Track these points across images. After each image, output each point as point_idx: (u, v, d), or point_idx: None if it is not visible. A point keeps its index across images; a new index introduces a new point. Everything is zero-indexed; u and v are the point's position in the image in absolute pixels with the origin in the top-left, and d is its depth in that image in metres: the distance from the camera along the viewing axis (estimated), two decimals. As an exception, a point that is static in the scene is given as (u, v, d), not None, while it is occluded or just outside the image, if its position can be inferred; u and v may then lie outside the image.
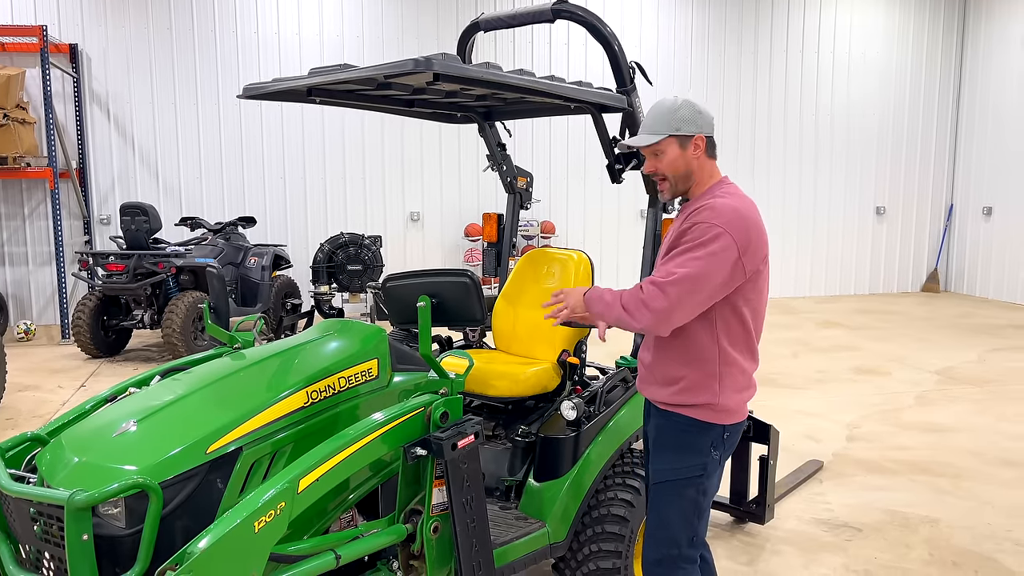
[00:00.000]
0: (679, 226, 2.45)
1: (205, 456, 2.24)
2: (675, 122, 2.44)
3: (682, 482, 2.51)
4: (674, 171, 2.49)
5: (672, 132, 2.44)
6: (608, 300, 2.40)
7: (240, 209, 10.36)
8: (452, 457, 2.41)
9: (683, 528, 2.52)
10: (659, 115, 2.47)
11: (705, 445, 2.49)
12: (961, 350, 8.61)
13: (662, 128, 2.45)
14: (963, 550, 4.03)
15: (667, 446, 2.54)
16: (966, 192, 12.85)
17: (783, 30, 12.05)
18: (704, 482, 2.52)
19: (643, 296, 2.32)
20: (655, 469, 2.58)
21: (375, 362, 2.72)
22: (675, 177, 2.50)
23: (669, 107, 2.46)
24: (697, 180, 2.51)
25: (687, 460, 2.50)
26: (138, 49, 10.01)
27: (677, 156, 2.47)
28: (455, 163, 11.04)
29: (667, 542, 2.54)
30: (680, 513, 2.52)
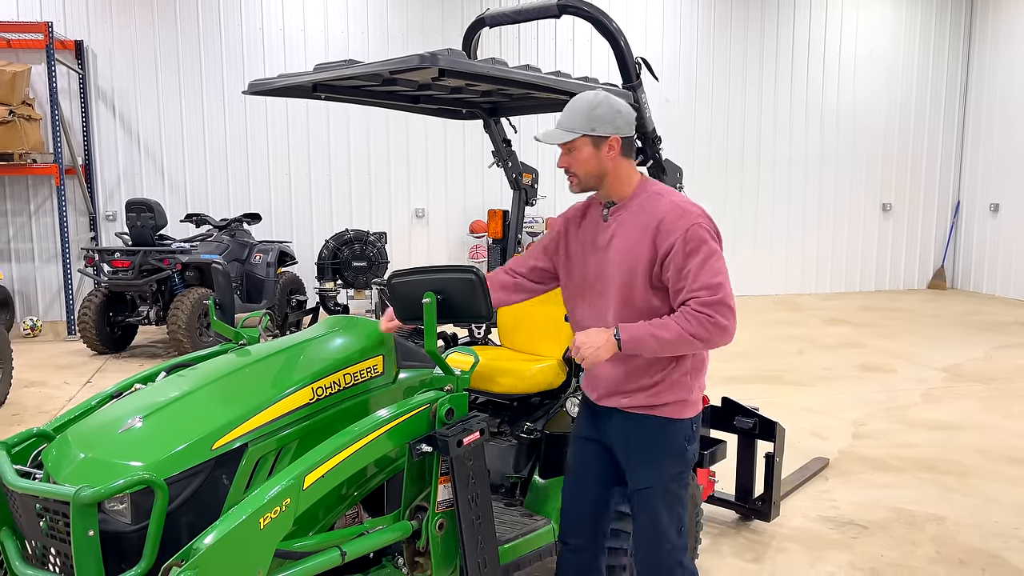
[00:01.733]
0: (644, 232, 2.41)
1: (210, 452, 2.24)
2: (591, 121, 2.42)
3: (669, 484, 2.53)
4: (585, 170, 2.47)
5: (586, 132, 2.42)
6: (665, 338, 2.32)
7: (245, 205, 10.37)
8: (457, 454, 2.40)
9: (672, 522, 2.56)
10: (575, 112, 2.44)
11: (681, 441, 2.54)
12: (968, 347, 8.58)
13: (577, 126, 2.43)
14: (970, 548, 4.01)
15: (646, 450, 2.54)
16: (973, 189, 12.79)
17: (789, 27, 12.00)
18: (687, 476, 2.58)
19: (715, 320, 2.31)
20: (639, 476, 2.56)
21: (380, 359, 2.72)
22: (586, 176, 2.49)
23: (587, 105, 2.44)
24: (613, 180, 2.50)
25: (671, 459, 2.53)
26: (143, 46, 10.02)
27: (590, 155, 2.45)
28: (460, 159, 11.03)
29: (661, 540, 2.56)
30: (669, 511, 2.55)
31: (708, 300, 2.31)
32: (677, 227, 2.36)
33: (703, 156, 11.48)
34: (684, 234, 2.35)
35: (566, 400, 3.27)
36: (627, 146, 2.49)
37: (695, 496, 3.48)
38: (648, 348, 2.36)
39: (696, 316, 2.31)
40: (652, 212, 2.44)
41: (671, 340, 2.33)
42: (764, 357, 8.10)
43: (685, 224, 2.36)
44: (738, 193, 12.04)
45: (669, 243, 2.37)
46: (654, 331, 2.33)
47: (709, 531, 4.13)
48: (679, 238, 2.35)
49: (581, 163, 2.46)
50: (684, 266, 2.35)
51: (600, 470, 2.68)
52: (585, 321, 2.59)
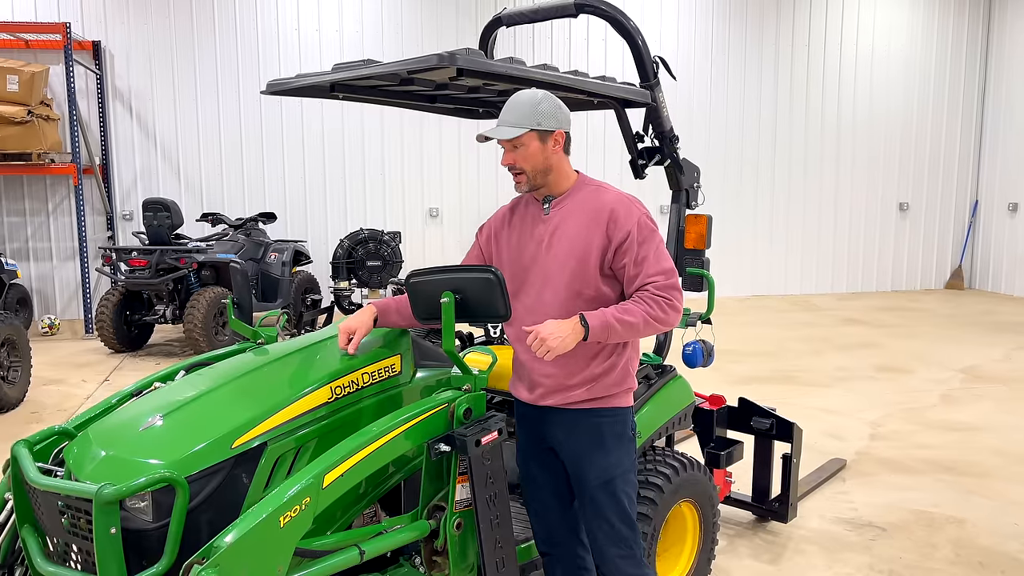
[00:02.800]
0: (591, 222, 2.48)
1: (230, 451, 2.25)
2: (536, 116, 2.45)
3: (625, 472, 2.58)
4: (533, 165, 2.49)
5: (533, 126, 2.45)
6: (630, 322, 2.39)
7: (260, 205, 10.42)
8: (476, 453, 2.40)
9: (632, 511, 2.60)
10: (520, 108, 2.46)
11: (627, 428, 2.61)
12: (986, 348, 8.50)
13: (524, 122, 2.44)
14: (990, 550, 3.97)
15: (600, 442, 2.56)
16: (991, 188, 12.68)
17: (805, 26, 11.94)
18: (635, 465, 2.64)
19: (671, 302, 2.43)
20: (599, 468, 2.55)
21: (398, 358, 2.72)
22: (533, 171, 2.50)
23: (530, 100, 2.46)
24: (556, 175, 2.55)
25: (620, 451, 2.57)
26: (160, 46, 10.08)
27: (537, 150, 2.48)
28: (474, 159, 11.04)
29: (629, 529, 2.59)
30: (630, 501, 2.59)
31: (664, 284, 2.43)
32: (629, 218, 2.46)
33: (719, 156, 11.43)
34: (637, 223, 2.46)
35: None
36: (568, 142, 2.55)
37: (712, 496, 3.47)
38: (615, 333, 2.40)
39: (655, 299, 2.41)
40: (600, 203, 2.50)
41: (635, 323, 2.39)
42: (780, 357, 8.06)
43: (635, 215, 2.48)
44: (753, 193, 11.98)
45: (624, 232, 2.44)
46: (619, 316, 2.39)
47: (726, 532, 4.11)
48: (634, 227, 2.45)
49: (528, 158, 2.48)
50: (639, 254, 2.44)
51: (557, 476, 2.68)
52: (521, 315, 2.58)
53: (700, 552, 3.45)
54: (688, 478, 3.29)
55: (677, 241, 3.54)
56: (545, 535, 2.75)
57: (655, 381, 3.38)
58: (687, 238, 3.51)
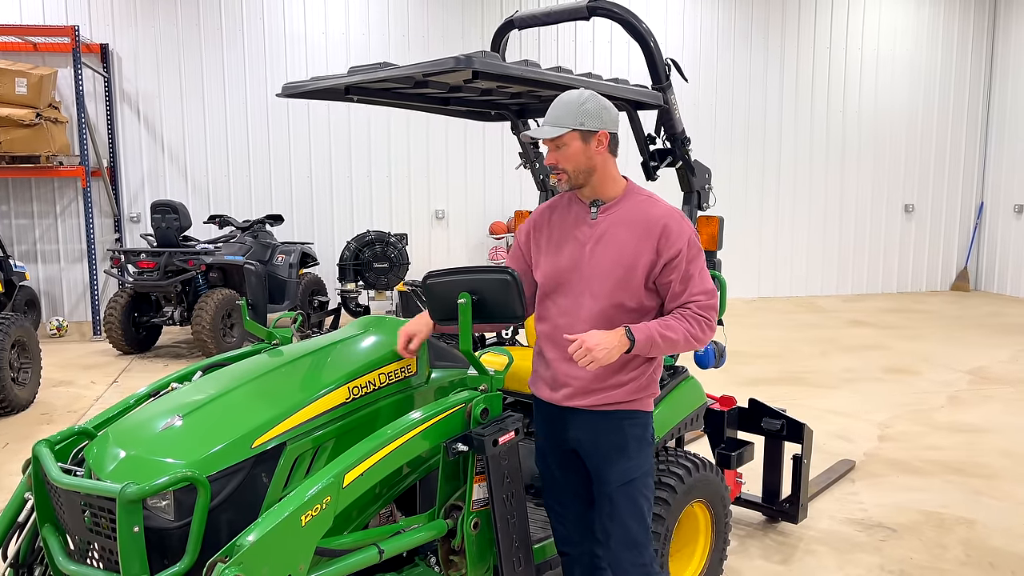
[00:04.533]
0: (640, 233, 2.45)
1: (250, 451, 2.27)
2: (580, 116, 2.43)
3: (644, 475, 2.58)
4: (574, 165, 2.47)
5: (575, 126, 2.43)
6: (672, 338, 2.40)
7: (267, 207, 10.45)
8: (493, 453, 2.42)
9: (648, 516, 2.60)
10: (563, 108, 2.45)
11: (648, 433, 2.62)
12: (993, 349, 8.50)
13: (566, 121, 2.43)
14: (1000, 551, 3.98)
15: (619, 445, 2.55)
16: (997, 190, 12.67)
17: (811, 27, 11.94)
18: (653, 468, 2.65)
19: (709, 322, 2.46)
20: (620, 470, 2.54)
21: (414, 358, 2.74)
22: (575, 171, 2.48)
23: (575, 100, 2.44)
24: (601, 178, 2.51)
25: (641, 454, 2.58)
26: (168, 49, 10.12)
27: (579, 150, 2.45)
28: (480, 161, 11.06)
29: (644, 535, 2.57)
30: (648, 503, 2.60)
31: (706, 304, 2.46)
32: (682, 235, 2.46)
33: (724, 158, 11.44)
34: (688, 241, 2.46)
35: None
36: (614, 143, 2.52)
37: (724, 497, 3.48)
38: (656, 348, 2.41)
39: (696, 318, 2.44)
40: (651, 215, 2.48)
41: (676, 340, 2.41)
42: (787, 359, 8.07)
43: (687, 232, 2.48)
44: (759, 194, 11.99)
45: (676, 249, 2.44)
46: (663, 331, 2.40)
47: (736, 532, 4.12)
48: (684, 245, 2.45)
49: (570, 158, 2.46)
50: (687, 271, 2.45)
51: (578, 477, 2.68)
52: (553, 315, 2.57)
53: (712, 552, 3.46)
54: (701, 479, 3.31)
55: (688, 242, 3.55)
56: (564, 535, 2.75)
57: (668, 382, 3.39)
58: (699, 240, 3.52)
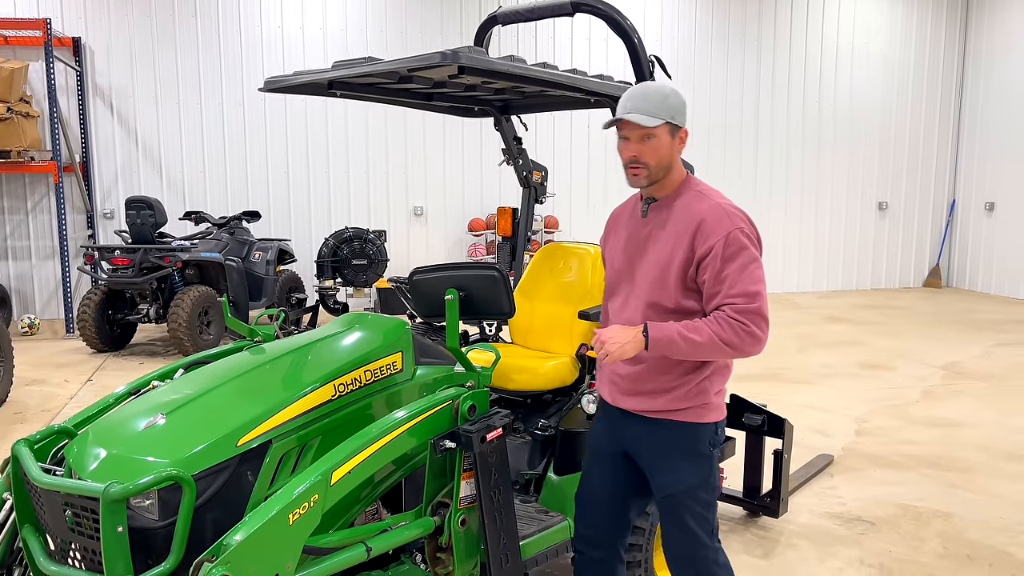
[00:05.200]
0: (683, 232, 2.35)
1: (236, 449, 2.25)
2: (669, 109, 2.34)
3: (692, 490, 2.44)
4: (659, 160, 2.36)
5: (668, 119, 2.33)
6: (696, 340, 2.25)
7: (243, 203, 10.35)
8: (481, 450, 2.41)
9: (702, 526, 2.47)
10: (653, 98, 2.34)
11: (704, 446, 2.45)
12: (965, 345, 8.63)
13: (660, 112, 2.32)
14: (977, 543, 4.04)
15: (669, 455, 2.45)
16: (968, 187, 12.87)
17: (787, 23, 12.05)
18: (713, 481, 2.48)
19: (748, 328, 2.25)
20: (664, 483, 2.46)
21: (399, 355, 2.72)
22: (657, 166, 2.37)
23: (660, 92, 2.35)
24: (672, 174, 2.43)
25: (693, 466, 2.44)
26: (141, 43, 9.99)
27: (667, 144, 2.36)
28: (458, 158, 11.04)
29: (691, 545, 2.48)
30: (698, 517, 2.46)
31: (743, 307, 2.25)
32: (718, 230, 2.29)
33: (700, 153, 11.49)
34: (725, 238, 2.28)
35: (581, 397, 3.28)
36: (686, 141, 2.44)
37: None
38: (677, 349, 2.28)
39: (730, 322, 2.25)
40: (693, 212, 2.36)
41: (701, 344, 2.25)
42: (765, 354, 8.03)
43: (726, 228, 2.29)
44: (736, 191, 12.08)
45: (708, 245, 2.29)
46: (685, 332, 2.25)
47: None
48: (719, 241, 2.28)
49: (657, 151, 2.34)
50: (722, 270, 2.28)
51: (619, 481, 2.60)
52: (610, 316, 2.56)
53: (695, 547, 3.48)
54: (684, 474, 3.32)
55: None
56: (584, 535, 2.67)
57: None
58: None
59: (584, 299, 3.57)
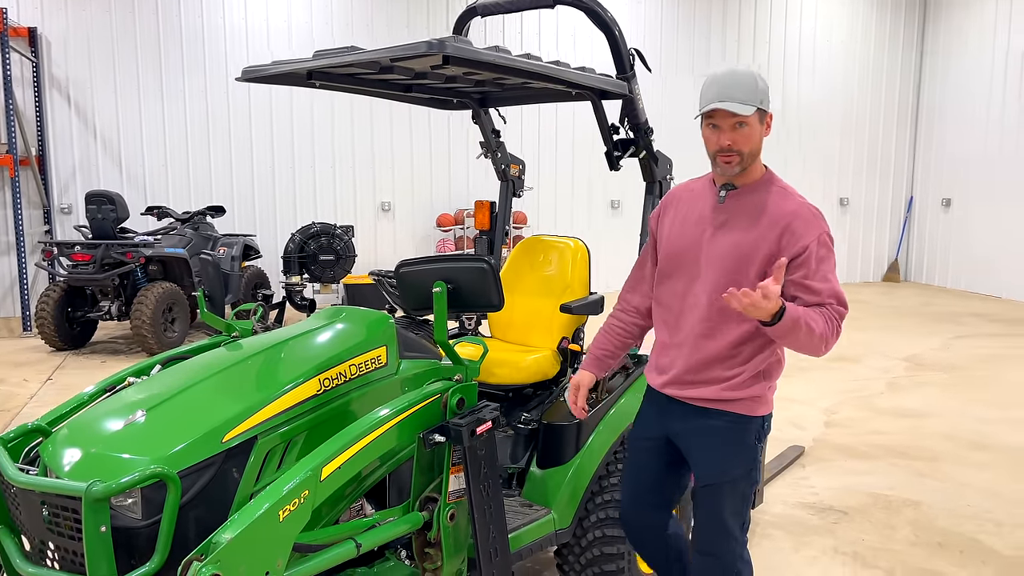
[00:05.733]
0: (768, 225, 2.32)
1: (221, 445, 2.20)
2: (759, 95, 2.29)
3: (734, 481, 2.44)
4: (751, 147, 2.33)
5: (759, 105, 2.29)
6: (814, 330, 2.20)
7: (207, 198, 10.16)
8: (471, 444, 2.39)
9: (735, 520, 2.48)
10: (745, 84, 2.28)
11: (751, 439, 2.46)
12: (926, 337, 8.83)
13: (752, 99, 2.27)
14: (947, 531, 4.13)
15: (714, 446, 2.45)
16: (926, 184, 13.15)
17: (751, 24, 12.20)
18: (754, 475, 2.49)
19: (839, 329, 2.27)
20: (705, 472, 2.47)
21: (384, 349, 2.68)
22: (749, 153, 2.33)
23: (750, 76, 2.30)
24: (756, 162, 2.41)
25: (738, 457, 2.44)
26: (100, 33, 9.74)
27: (758, 132, 2.33)
28: (426, 152, 10.96)
29: (722, 537, 2.48)
30: (733, 508, 2.47)
31: (838, 310, 2.28)
32: (811, 231, 2.29)
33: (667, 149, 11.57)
34: (818, 239, 2.29)
35: (564, 391, 3.27)
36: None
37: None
38: (798, 332, 2.20)
39: (831, 321, 2.25)
40: (780, 208, 2.33)
41: (817, 333, 2.21)
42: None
43: (819, 230, 2.30)
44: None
45: (802, 246, 2.27)
46: (807, 319, 2.20)
47: (695, 519, 4.18)
48: (814, 242, 2.28)
49: (749, 139, 2.31)
50: (818, 271, 2.28)
51: (663, 466, 2.61)
52: (666, 299, 2.52)
53: (676, 539, 3.49)
54: (666, 466, 3.33)
55: (652, 232, 3.57)
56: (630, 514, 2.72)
57: (633, 371, 3.41)
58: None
59: (565, 293, 3.56)
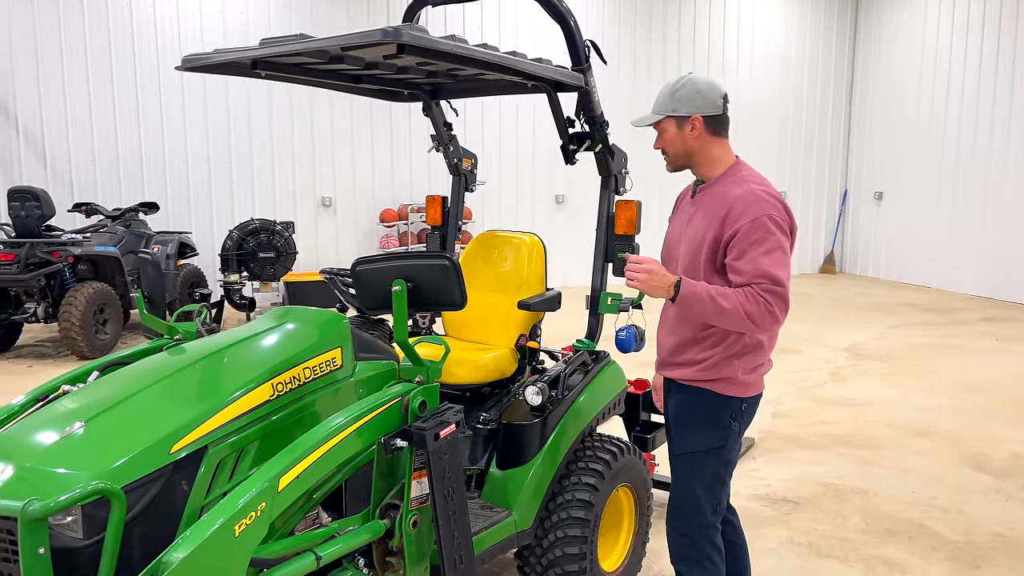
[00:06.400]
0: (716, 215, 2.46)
1: (169, 456, 2.06)
2: (672, 102, 2.54)
3: (703, 453, 2.59)
4: (673, 150, 2.60)
5: (669, 113, 2.54)
6: (723, 306, 2.35)
7: (138, 195, 9.79)
8: (435, 448, 2.30)
9: (707, 497, 2.61)
10: (661, 95, 2.58)
11: (725, 417, 2.58)
12: (863, 327, 9.05)
13: (661, 108, 2.56)
14: (895, 518, 4.21)
15: (689, 420, 2.62)
16: (859, 178, 13.52)
17: (691, 23, 12.32)
18: (725, 453, 2.61)
19: (772, 308, 2.35)
20: (678, 442, 2.67)
21: (338, 351, 2.57)
22: (674, 155, 2.61)
23: (671, 87, 2.56)
24: (701, 160, 2.59)
25: (708, 432, 2.58)
26: (21, 21, 9.26)
27: (675, 136, 2.57)
28: (368, 145, 10.77)
29: (692, 511, 2.62)
30: (703, 483, 2.60)
31: (770, 288, 2.35)
32: (747, 213, 2.39)
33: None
34: (752, 222, 2.38)
35: (523, 388, 3.20)
36: (711, 124, 2.55)
37: (647, 480, 3.50)
38: (702, 308, 2.38)
39: (757, 298, 2.34)
40: (729, 194, 2.48)
41: (727, 309, 2.34)
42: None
43: (755, 212, 2.39)
44: (640, 185, 12.24)
45: (735, 228, 2.40)
46: (713, 295, 2.36)
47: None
48: (747, 224, 2.38)
49: (668, 143, 2.59)
50: (746, 252, 2.38)
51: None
52: None
53: (636, 536, 3.47)
54: (626, 463, 3.30)
55: (607, 227, 3.53)
56: None
57: (591, 367, 3.36)
58: (617, 224, 3.51)
59: (521, 289, 3.50)
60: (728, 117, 2.65)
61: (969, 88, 11.39)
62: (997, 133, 11.02)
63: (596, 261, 3.51)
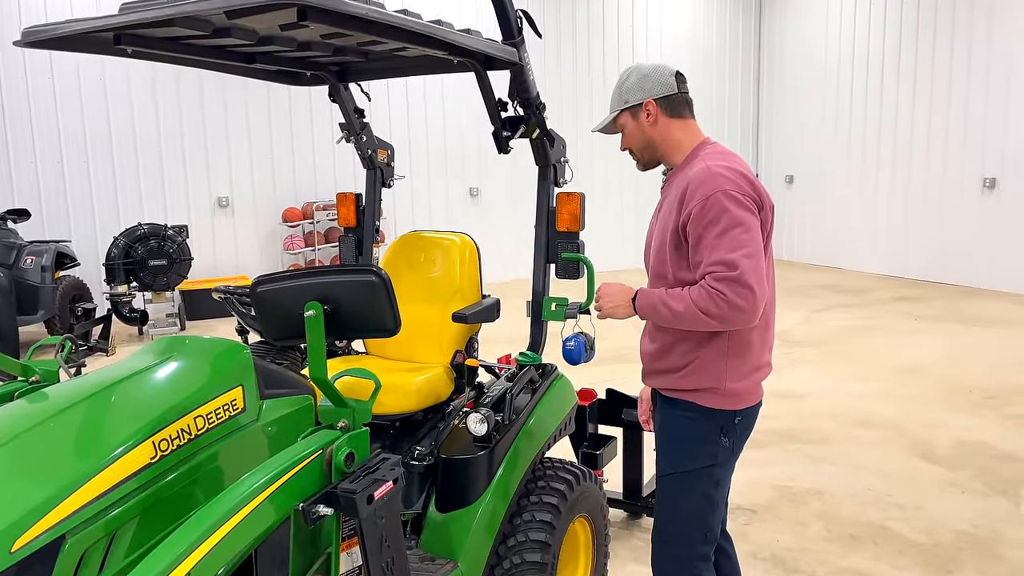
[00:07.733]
0: (675, 199, 2.24)
1: (9, 557, 1.52)
2: (623, 95, 2.37)
3: (692, 474, 2.30)
4: (636, 144, 2.40)
5: (621, 106, 2.37)
6: (676, 309, 2.15)
7: (7, 201, 8.79)
8: (367, 513, 1.83)
9: (696, 524, 2.32)
10: (612, 95, 2.42)
11: (714, 433, 2.29)
12: (788, 312, 8.97)
13: (614, 105, 2.40)
14: (855, 522, 3.97)
15: (675, 436, 2.35)
16: (769, 162, 13.62)
17: (599, 14, 12.12)
18: (716, 472, 2.31)
19: (727, 298, 2.07)
20: (664, 461, 2.39)
21: (239, 390, 2.06)
22: (639, 150, 2.40)
23: (619, 82, 2.40)
24: (665, 147, 2.37)
25: (696, 450, 2.30)
26: None
27: (634, 128, 2.38)
28: (266, 139, 10.05)
29: (678, 539, 2.35)
30: (691, 507, 2.32)
31: (723, 276, 2.08)
32: (698, 193, 2.15)
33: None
34: (703, 202, 2.13)
35: (462, 415, 2.76)
36: (667, 106, 2.34)
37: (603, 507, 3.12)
38: (660, 316, 2.21)
39: (708, 292, 2.10)
40: (687, 177, 2.23)
41: (681, 312, 2.14)
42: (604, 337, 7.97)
43: (708, 190, 2.14)
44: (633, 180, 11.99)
45: (688, 211, 2.17)
46: (666, 300, 2.18)
47: (603, 536, 3.80)
48: (697, 205, 2.14)
49: (629, 139, 2.40)
50: (702, 237, 2.13)
51: None
52: None
53: (594, 571, 3.09)
54: (582, 491, 2.93)
55: (548, 224, 3.12)
56: None
57: (539, 383, 2.95)
58: (559, 219, 3.10)
59: (454, 298, 3.05)
60: (686, 95, 2.39)
61: (873, 70, 11.57)
62: (901, 115, 11.21)
63: (537, 262, 3.10)
